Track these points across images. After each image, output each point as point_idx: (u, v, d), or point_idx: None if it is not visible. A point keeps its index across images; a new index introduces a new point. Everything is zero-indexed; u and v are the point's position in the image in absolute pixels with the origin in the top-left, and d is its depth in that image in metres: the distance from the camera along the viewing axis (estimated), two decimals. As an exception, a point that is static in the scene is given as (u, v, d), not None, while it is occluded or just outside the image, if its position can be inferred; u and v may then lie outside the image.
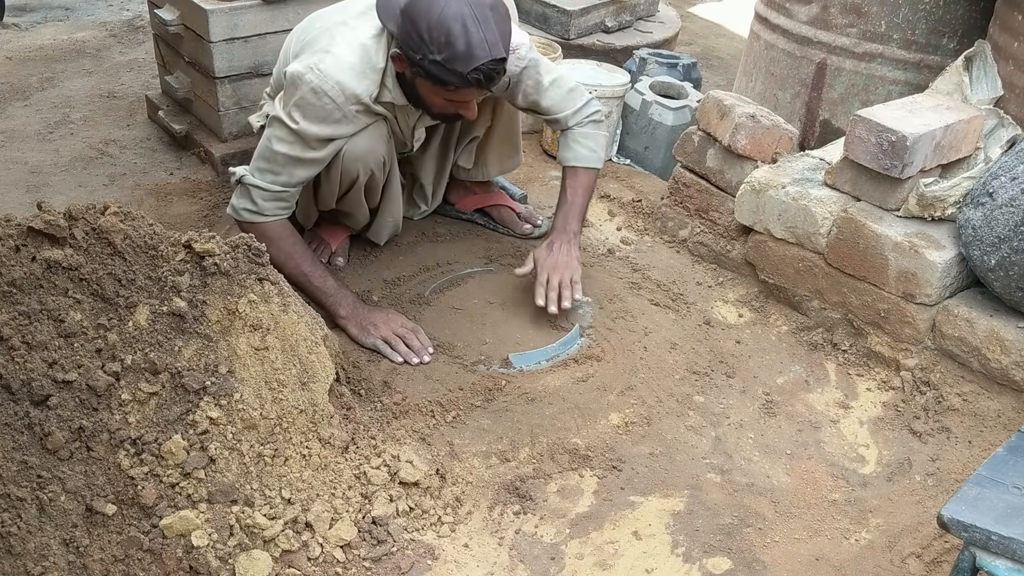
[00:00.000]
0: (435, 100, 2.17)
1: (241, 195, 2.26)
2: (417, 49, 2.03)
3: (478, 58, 1.99)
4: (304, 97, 2.12)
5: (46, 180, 2.94)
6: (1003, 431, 2.08)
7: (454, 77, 2.03)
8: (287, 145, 2.18)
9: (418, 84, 2.14)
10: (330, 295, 2.28)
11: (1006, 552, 1.39)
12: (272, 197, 2.23)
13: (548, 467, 1.96)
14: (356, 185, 2.33)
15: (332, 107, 2.13)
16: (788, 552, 1.81)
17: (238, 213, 2.27)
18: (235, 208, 2.27)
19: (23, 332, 1.60)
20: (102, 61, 3.94)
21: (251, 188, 2.23)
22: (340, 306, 2.28)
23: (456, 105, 2.18)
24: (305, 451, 1.75)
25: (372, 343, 2.24)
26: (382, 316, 2.29)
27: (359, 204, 2.42)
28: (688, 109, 3.09)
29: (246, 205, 2.25)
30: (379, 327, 2.25)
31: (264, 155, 2.22)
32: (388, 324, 2.26)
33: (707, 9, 5.46)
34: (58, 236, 1.63)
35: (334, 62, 2.12)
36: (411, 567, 1.72)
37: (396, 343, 2.24)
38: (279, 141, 2.18)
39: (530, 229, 2.76)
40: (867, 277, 2.29)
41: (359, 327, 2.26)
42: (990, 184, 2.12)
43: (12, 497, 1.55)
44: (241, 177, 2.24)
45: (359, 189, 2.35)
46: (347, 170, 2.26)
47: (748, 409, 2.18)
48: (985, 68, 2.46)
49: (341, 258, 2.56)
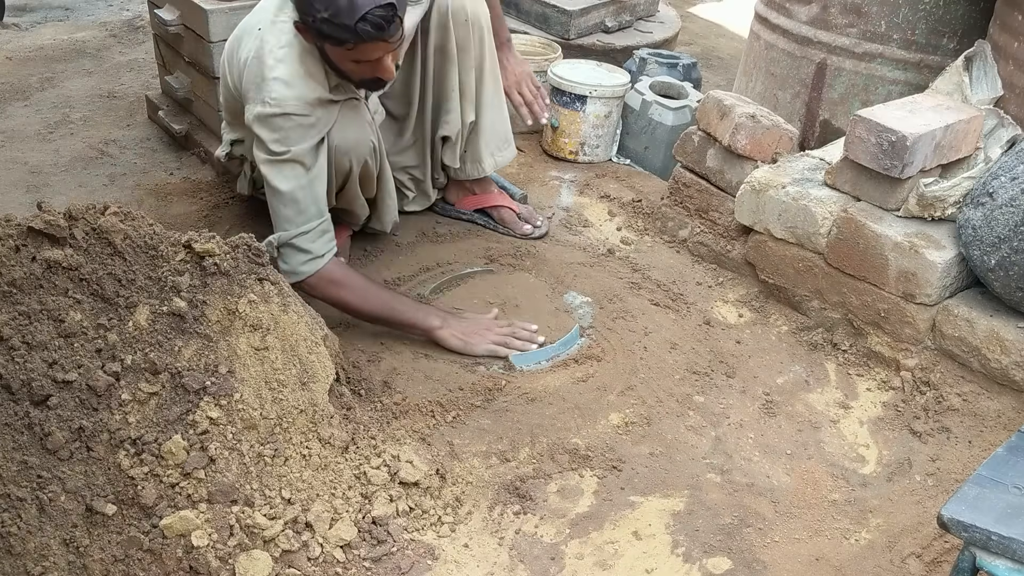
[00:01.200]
0: (348, 66, 2.11)
1: (288, 255, 2.17)
2: (308, 11, 2.00)
3: (361, 6, 1.94)
4: (278, 128, 2.10)
5: (46, 180, 2.94)
6: (1003, 431, 2.08)
7: (346, 33, 1.97)
8: (295, 177, 2.13)
9: (328, 52, 2.09)
10: (419, 313, 2.25)
11: (1006, 552, 1.39)
12: (318, 235, 2.18)
13: (548, 467, 1.96)
14: (351, 177, 2.30)
15: (306, 120, 2.12)
16: (788, 552, 1.81)
17: (298, 272, 2.16)
18: (293, 271, 2.16)
19: (23, 332, 1.60)
20: (102, 61, 3.94)
21: (295, 240, 2.15)
22: (431, 319, 2.24)
23: (370, 68, 2.11)
24: (305, 451, 1.75)
25: (486, 349, 2.24)
26: (472, 323, 2.28)
27: (356, 197, 2.40)
28: (688, 109, 3.09)
29: (301, 259, 2.16)
30: (483, 334, 2.26)
31: (284, 208, 2.15)
32: (489, 328, 2.27)
33: (707, 9, 5.46)
34: (58, 236, 1.64)
35: (280, 85, 2.09)
36: (411, 567, 1.72)
37: (510, 343, 2.25)
38: (287, 181, 2.13)
39: (530, 229, 2.76)
40: (867, 277, 2.29)
41: (463, 338, 2.24)
42: (990, 184, 2.12)
43: (12, 497, 1.55)
44: (279, 240, 2.15)
45: (354, 181, 2.33)
46: (339, 164, 2.24)
47: (748, 409, 2.18)
48: (985, 68, 2.46)
49: (342, 258, 2.53)
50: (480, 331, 2.26)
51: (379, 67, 2.12)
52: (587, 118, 3.13)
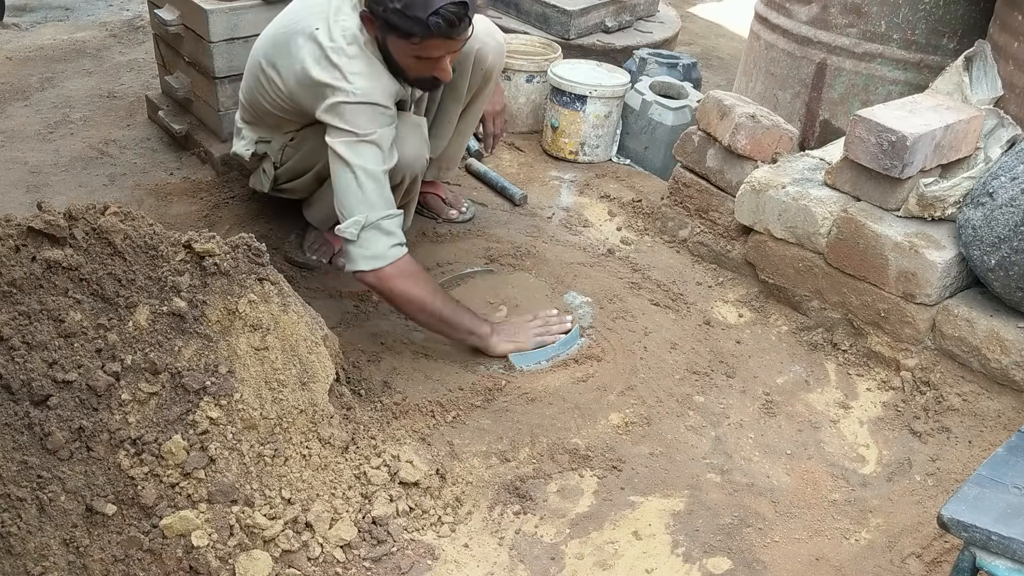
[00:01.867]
0: (407, 62, 2.11)
1: (373, 240, 2.05)
2: (380, 1, 2.01)
3: (436, 1, 1.95)
4: (362, 115, 2.06)
5: (46, 180, 2.94)
6: (1003, 431, 2.08)
7: (417, 26, 1.99)
8: (377, 160, 2.07)
9: (390, 45, 2.09)
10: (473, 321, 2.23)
11: (1006, 552, 1.39)
12: (399, 223, 2.11)
13: (548, 467, 1.96)
14: (398, 189, 2.27)
15: (389, 112, 2.11)
16: (788, 552, 1.81)
17: (385, 256, 2.06)
18: (376, 255, 2.06)
19: (23, 332, 1.60)
20: (102, 61, 3.94)
21: (382, 223, 2.05)
22: (482, 326, 2.23)
23: (429, 65, 2.12)
24: (305, 451, 1.75)
25: (534, 343, 2.27)
26: (515, 325, 2.31)
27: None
28: (688, 109, 3.09)
29: (389, 242, 2.06)
30: (526, 329, 2.29)
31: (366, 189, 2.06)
32: (530, 324, 2.31)
33: (707, 9, 5.46)
34: (58, 236, 1.63)
35: (363, 79, 2.07)
36: (411, 567, 1.72)
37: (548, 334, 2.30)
38: (372, 161, 2.06)
39: (456, 215, 2.81)
40: (867, 277, 2.29)
41: (511, 340, 2.26)
42: (990, 184, 2.12)
43: (12, 497, 1.55)
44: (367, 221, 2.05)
45: (399, 192, 2.30)
46: (392, 176, 2.17)
47: (748, 409, 2.18)
48: (985, 68, 2.46)
49: (342, 258, 2.53)
50: (524, 329, 2.30)
51: (438, 66, 2.13)
52: (587, 118, 3.13)
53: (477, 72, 2.49)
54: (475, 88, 2.56)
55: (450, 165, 2.79)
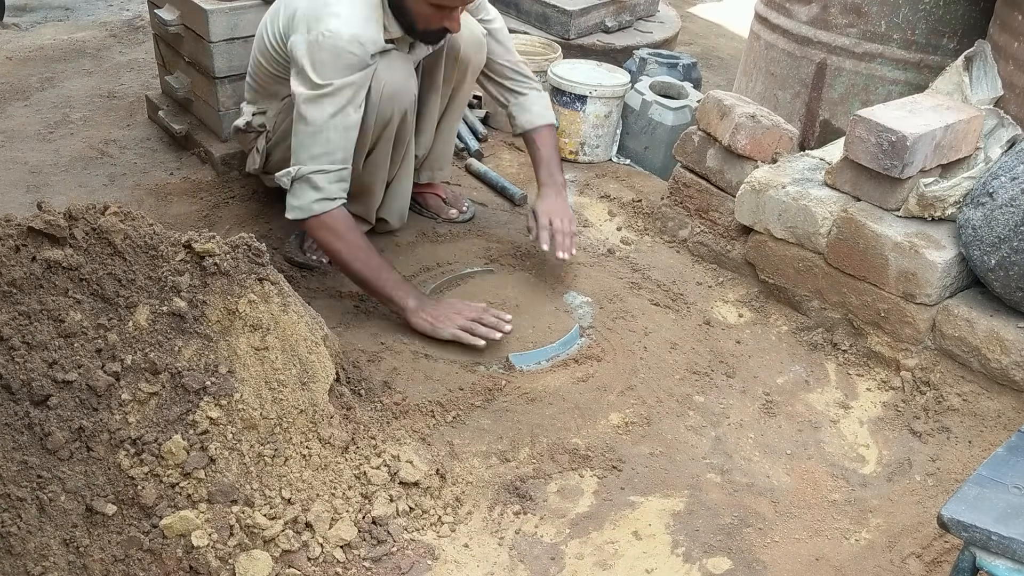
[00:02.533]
0: (423, 9, 2.16)
1: (301, 191, 2.17)
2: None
3: None
4: (325, 60, 2.10)
5: (46, 180, 2.94)
6: (1003, 431, 2.08)
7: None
8: (332, 113, 2.12)
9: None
10: (399, 288, 2.27)
11: (1006, 552, 1.39)
12: (336, 178, 2.18)
13: (548, 467, 1.96)
14: (388, 129, 2.29)
15: (355, 59, 2.13)
16: (788, 552, 1.81)
17: (308, 210, 2.18)
18: (301, 207, 2.18)
19: (23, 332, 1.60)
20: (102, 61, 3.94)
21: (312, 177, 2.15)
22: (408, 297, 2.27)
23: (442, 17, 2.17)
24: (305, 451, 1.75)
25: (451, 334, 2.25)
26: (448, 307, 2.30)
27: (383, 162, 2.40)
28: (688, 109, 3.09)
29: (313, 196, 2.17)
30: (452, 318, 2.27)
31: (312, 141, 2.15)
32: (459, 313, 2.28)
33: (707, 9, 5.47)
34: (58, 236, 1.63)
35: (337, 20, 2.11)
36: (411, 567, 1.72)
37: (474, 328, 2.26)
38: (323, 114, 2.12)
39: (456, 214, 2.81)
40: (867, 277, 2.29)
41: (431, 321, 2.27)
42: (990, 184, 2.12)
43: (12, 497, 1.55)
44: (298, 173, 2.16)
45: (388, 140, 2.32)
46: (382, 111, 2.23)
47: (748, 409, 2.18)
48: (985, 68, 2.46)
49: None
50: (450, 315, 2.28)
51: (450, 17, 2.18)
52: (587, 118, 3.13)
53: (450, 61, 2.50)
54: (453, 80, 2.56)
55: (442, 166, 2.79)
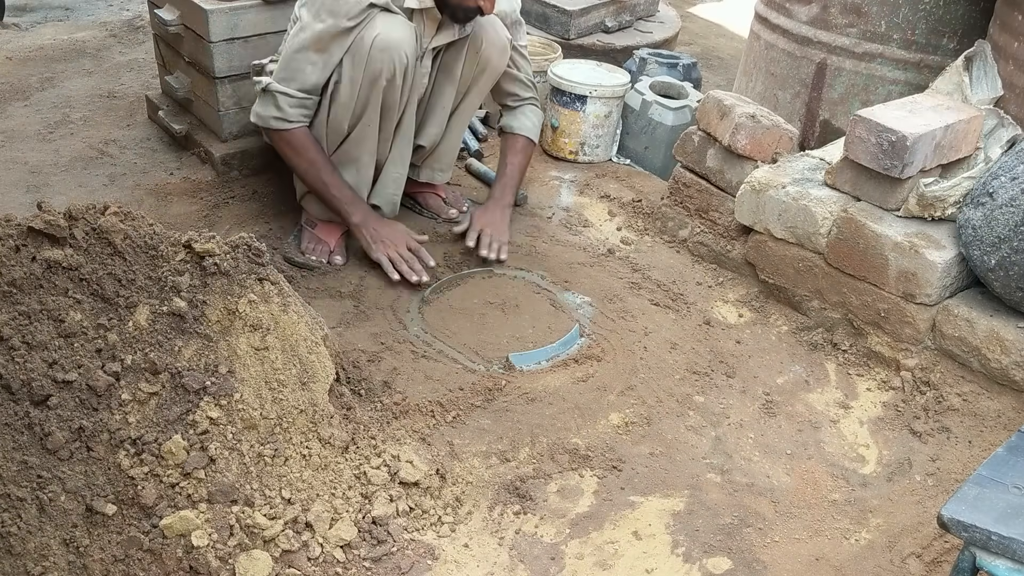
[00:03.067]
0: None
1: (266, 103, 2.38)
2: None
3: None
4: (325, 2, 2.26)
5: (46, 180, 2.94)
6: (1003, 431, 2.08)
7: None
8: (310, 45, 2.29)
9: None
10: (347, 203, 2.44)
11: (1006, 552, 1.39)
12: (297, 104, 2.37)
13: (548, 467, 1.96)
14: (375, 89, 2.33)
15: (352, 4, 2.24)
16: (788, 552, 1.81)
17: (265, 121, 2.39)
18: (261, 116, 2.40)
19: (23, 332, 1.60)
20: (102, 61, 3.94)
21: (277, 95, 2.35)
22: (354, 213, 2.45)
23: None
24: (305, 451, 1.75)
25: (377, 257, 2.43)
26: (391, 231, 2.46)
27: (371, 134, 2.43)
28: (688, 109, 3.09)
29: (273, 113, 2.37)
30: (387, 244, 2.43)
31: (289, 63, 2.34)
32: (396, 242, 2.44)
33: (707, 9, 5.47)
34: (58, 236, 1.63)
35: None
36: (411, 567, 1.72)
37: (399, 263, 2.42)
38: (303, 43, 2.30)
39: (455, 214, 2.83)
40: (867, 277, 2.29)
41: (370, 238, 2.43)
42: (990, 184, 2.12)
43: (12, 497, 1.55)
44: (268, 85, 2.36)
45: (376, 104, 2.36)
46: (372, 63, 2.29)
47: (748, 409, 2.18)
48: (985, 68, 2.46)
49: (339, 256, 2.57)
50: (386, 240, 2.44)
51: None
52: (587, 118, 3.13)
53: (471, 56, 2.52)
54: (470, 78, 2.58)
55: (444, 167, 2.80)
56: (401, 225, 2.55)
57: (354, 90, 2.34)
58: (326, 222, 2.57)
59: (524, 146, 2.77)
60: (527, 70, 2.77)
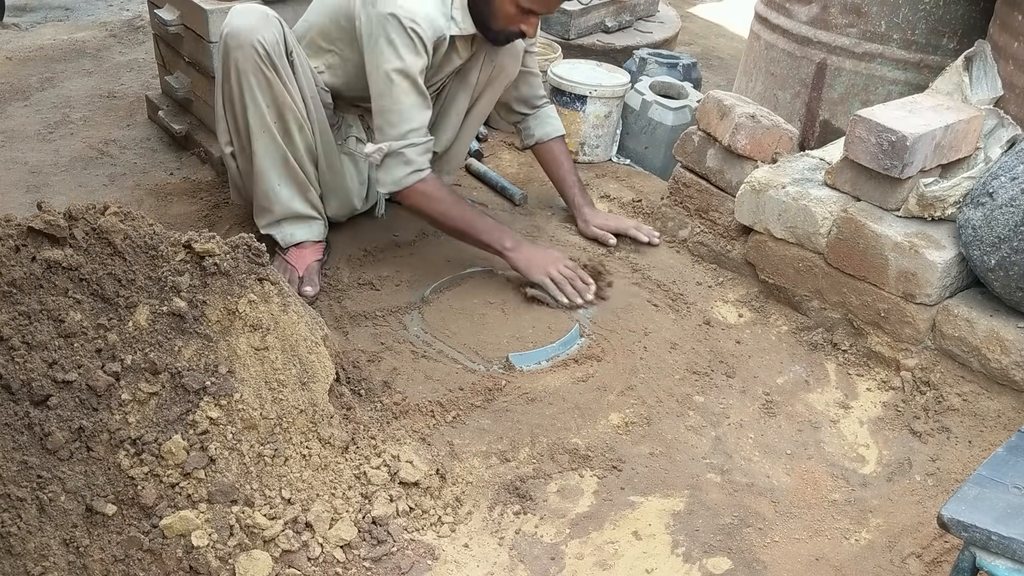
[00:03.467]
0: (508, 10, 2.25)
1: (394, 165, 2.28)
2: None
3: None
4: (399, 36, 2.19)
5: (46, 180, 2.94)
6: (1003, 431, 2.08)
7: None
8: (411, 90, 2.24)
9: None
10: (493, 231, 2.41)
11: (1006, 552, 1.39)
12: (423, 150, 2.30)
13: (548, 467, 1.96)
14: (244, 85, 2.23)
15: (420, 43, 2.22)
16: (788, 552, 1.81)
17: (402, 182, 2.29)
18: (396, 181, 2.30)
19: (23, 332, 1.60)
20: (102, 61, 3.94)
21: (404, 152, 2.27)
22: (503, 239, 2.40)
23: (523, 19, 2.28)
24: (305, 451, 1.75)
25: (540, 280, 2.39)
26: (545, 254, 2.43)
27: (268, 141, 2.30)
28: (688, 109, 3.09)
29: (405, 170, 2.29)
30: (546, 266, 2.39)
31: (397, 116, 2.25)
32: (554, 263, 2.41)
33: (707, 9, 5.47)
34: (58, 236, 1.63)
35: (415, 3, 2.19)
36: (411, 567, 1.72)
37: (563, 284, 2.40)
38: (405, 92, 2.23)
39: None
40: (867, 277, 2.29)
41: (526, 262, 2.39)
42: (990, 184, 2.12)
43: (12, 497, 1.55)
44: (389, 149, 2.27)
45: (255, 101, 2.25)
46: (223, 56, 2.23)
47: (748, 409, 2.18)
48: (985, 68, 2.46)
49: (310, 287, 2.38)
50: (545, 261, 2.40)
51: (529, 22, 2.30)
52: (587, 118, 3.13)
53: (487, 63, 2.51)
54: (484, 82, 2.56)
55: (451, 169, 2.80)
56: (552, 247, 2.56)
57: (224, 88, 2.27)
58: (298, 246, 2.45)
59: (564, 147, 2.80)
60: (538, 73, 2.77)
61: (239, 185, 2.53)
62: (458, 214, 2.37)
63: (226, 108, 2.33)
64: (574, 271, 2.43)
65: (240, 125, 2.32)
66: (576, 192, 2.77)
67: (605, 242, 2.71)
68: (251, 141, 2.32)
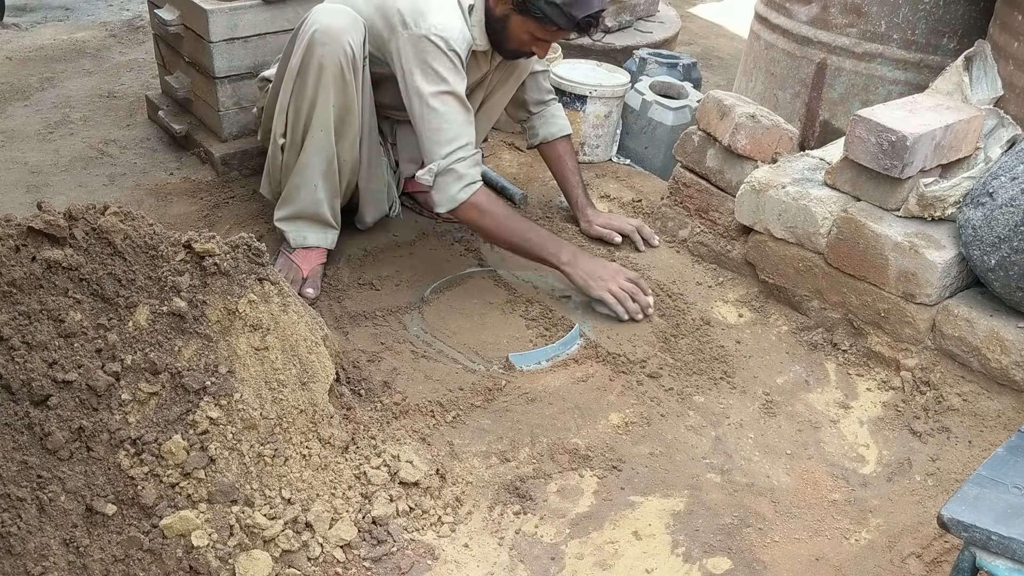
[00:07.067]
0: (521, 36, 2.28)
1: (447, 183, 2.27)
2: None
3: (593, 6, 2.19)
4: (437, 58, 2.20)
5: (46, 180, 2.94)
6: (1003, 431, 2.08)
7: (565, 20, 2.17)
8: (459, 108, 2.25)
9: (512, 20, 2.25)
10: (549, 244, 2.37)
11: (1006, 552, 1.39)
12: (474, 162, 2.29)
13: (548, 467, 1.96)
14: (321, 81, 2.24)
15: (458, 59, 2.24)
16: (788, 552, 1.81)
17: (456, 199, 2.28)
18: (452, 197, 2.28)
19: (23, 332, 1.60)
20: (102, 61, 3.94)
21: (454, 167, 2.25)
22: (560, 253, 2.37)
23: (537, 44, 2.30)
24: (305, 451, 1.75)
25: (599, 295, 2.36)
26: (603, 267, 2.40)
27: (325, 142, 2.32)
28: (688, 109, 3.09)
29: (461, 184, 2.27)
30: (607, 280, 2.36)
31: (447, 132, 2.24)
32: (614, 277, 2.38)
33: (707, 9, 5.47)
34: (58, 236, 1.63)
35: (446, 19, 2.22)
36: (411, 567, 1.72)
37: (625, 300, 2.36)
38: (454, 111, 2.24)
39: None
40: (867, 277, 2.29)
41: (585, 276, 2.36)
42: (990, 184, 2.12)
43: (12, 497, 1.55)
44: (442, 165, 2.25)
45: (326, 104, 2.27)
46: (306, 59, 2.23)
47: (748, 409, 2.18)
48: (985, 68, 2.46)
49: (311, 289, 2.40)
50: (605, 276, 2.37)
51: (542, 47, 2.33)
52: (587, 118, 3.13)
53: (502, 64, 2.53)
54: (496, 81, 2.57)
55: None
56: (609, 261, 2.53)
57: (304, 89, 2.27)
58: (306, 248, 2.46)
59: (570, 147, 2.80)
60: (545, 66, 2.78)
61: (277, 179, 2.52)
62: (513, 226, 2.35)
63: (292, 100, 2.32)
64: (635, 282, 2.40)
65: (303, 119, 2.32)
66: (579, 192, 2.77)
67: (610, 240, 2.70)
68: (306, 135, 2.34)
